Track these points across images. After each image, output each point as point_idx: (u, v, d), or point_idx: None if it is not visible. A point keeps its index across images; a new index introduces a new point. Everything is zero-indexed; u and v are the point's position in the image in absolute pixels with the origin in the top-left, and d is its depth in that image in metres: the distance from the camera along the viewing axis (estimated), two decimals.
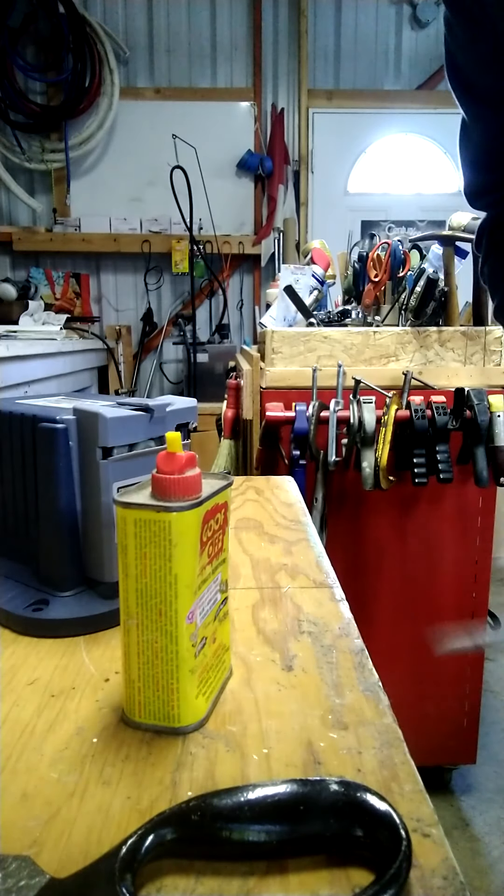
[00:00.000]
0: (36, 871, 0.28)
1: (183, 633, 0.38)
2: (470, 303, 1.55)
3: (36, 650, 0.49)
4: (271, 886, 0.28)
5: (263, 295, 3.22)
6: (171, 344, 3.57)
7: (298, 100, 3.53)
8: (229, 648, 0.46)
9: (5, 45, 3.21)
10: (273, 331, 1.43)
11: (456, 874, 0.29)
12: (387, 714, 0.41)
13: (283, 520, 0.82)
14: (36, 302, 2.83)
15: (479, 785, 1.68)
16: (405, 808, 0.32)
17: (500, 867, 1.44)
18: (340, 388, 1.36)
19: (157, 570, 0.37)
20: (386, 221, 2.91)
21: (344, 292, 1.77)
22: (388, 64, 3.57)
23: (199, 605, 0.39)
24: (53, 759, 0.37)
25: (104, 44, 3.32)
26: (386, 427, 1.31)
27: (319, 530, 1.36)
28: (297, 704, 0.42)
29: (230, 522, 0.45)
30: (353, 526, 1.49)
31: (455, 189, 3.62)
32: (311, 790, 0.31)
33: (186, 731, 0.39)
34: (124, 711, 0.41)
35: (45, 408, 0.57)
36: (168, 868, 0.29)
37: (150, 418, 0.55)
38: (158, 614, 0.38)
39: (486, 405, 1.32)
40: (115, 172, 3.53)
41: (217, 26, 3.47)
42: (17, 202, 3.50)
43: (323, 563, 0.68)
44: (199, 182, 3.15)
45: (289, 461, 1.35)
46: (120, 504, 0.38)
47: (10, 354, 1.84)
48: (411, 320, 1.48)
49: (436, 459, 1.32)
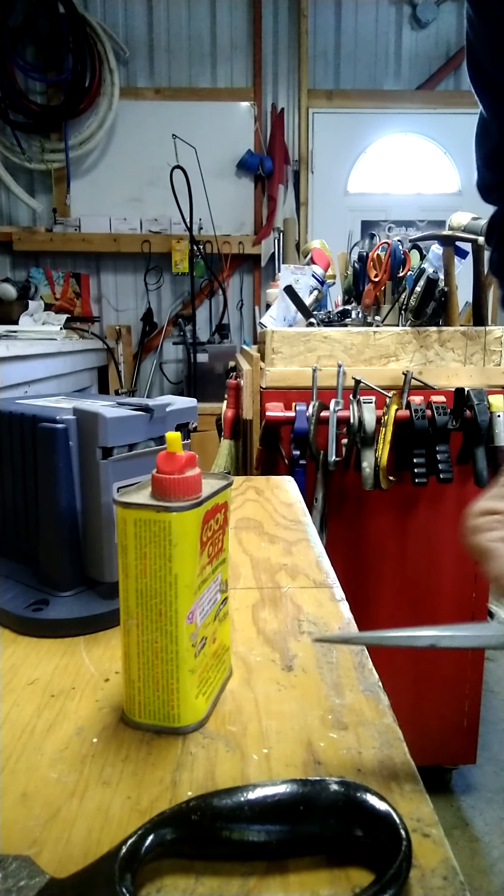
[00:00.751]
0: (36, 871, 0.28)
1: (183, 633, 0.38)
2: (470, 303, 1.55)
3: (36, 650, 0.49)
4: (271, 886, 0.28)
5: (263, 295, 3.22)
6: (171, 344, 3.57)
7: (298, 100, 3.53)
8: (229, 648, 0.46)
9: (5, 45, 3.20)
10: (273, 331, 1.43)
11: (456, 874, 0.29)
12: (387, 714, 0.41)
13: (283, 520, 0.82)
14: (36, 302, 2.83)
15: (479, 785, 1.68)
16: (405, 808, 0.32)
17: (500, 867, 1.44)
18: (340, 388, 1.36)
19: (157, 570, 0.37)
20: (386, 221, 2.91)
21: (344, 292, 1.77)
22: (388, 64, 3.57)
23: (199, 605, 0.39)
24: (53, 759, 0.37)
25: (104, 44, 3.32)
26: (386, 427, 1.31)
27: (319, 530, 1.36)
28: (297, 704, 0.42)
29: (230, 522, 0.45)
30: (353, 526, 1.49)
31: (455, 189, 3.62)
32: (311, 790, 0.31)
33: (186, 731, 0.39)
34: (124, 711, 0.41)
35: (45, 408, 0.57)
36: (168, 868, 0.29)
37: (150, 418, 0.55)
38: (158, 614, 0.38)
39: (486, 405, 1.32)
40: (115, 172, 3.53)
41: (217, 26, 3.47)
42: (17, 202, 3.50)
43: (323, 563, 0.68)
44: (199, 182, 3.15)
45: (289, 461, 1.35)
46: (120, 504, 0.38)
47: (10, 354, 1.84)
48: (411, 320, 1.48)
49: (436, 459, 1.32)
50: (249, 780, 0.35)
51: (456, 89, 3.56)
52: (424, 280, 1.41)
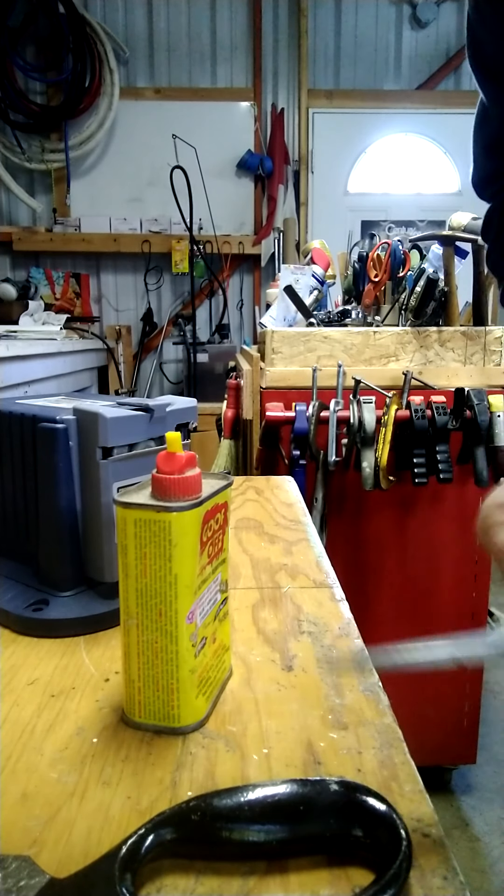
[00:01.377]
0: (36, 871, 0.28)
1: (183, 633, 0.38)
2: (470, 303, 1.55)
3: (36, 650, 0.49)
4: (271, 886, 0.28)
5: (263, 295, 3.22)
6: (171, 344, 3.57)
7: (298, 100, 3.53)
8: (229, 648, 0.46)
9: (5, 45, 3.20)
10: (273, 331, 1.43)
11: (456, 874, 0.29)
12: (387, 714, 0.41)
13: (283, 520, 0.82)
14: (36, 302, 2.83)
15: (479, 785, 1.68)
16: (405, 808, 0.32)
17: (500, 867, 1.44)
18: (340, 388, 1.36)
19: (157, 570, 0.37)
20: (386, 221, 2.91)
21: (344, 292, 1.77)
22: (388, 64, 3.57)
23: (199, 605, 0.39)
24: (53, 759, 0.37)
25: (104, 44, 3.32)
26: (386, 427, 1.31)
27: (319, 530, 1.36)
28: (297, 704, 0.42)
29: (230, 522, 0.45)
30: (353, 526, 1.49)
31: (455, 189, 3.62)
32: (311, 790, 0.31)
33: (186, 731, 0.39)
34: (124, 711, 0.41)
35: (45, 408, 0.57)
36: (168, 868, 0.29)
37: (150, 418, 0.55)
38: (158, 614, 0.38)
39: (486, 405, 1.32)
40: (115, 172, 3.53)
41: (217, 26, 3.47)
42: (17, 202, 3.50)
43: (323, 563, 0.68)
44: (199, 182, 3.15)
45: (289, 461, 1.35)
46: (120, 504, 0.38)
47: (10, 354, 1.84)
48: (411, 320, 1.48)
49: (436, 459, 1.32)
50: (249, 780, 0.35)
51: (456, 89, 3.56)
52: (424, 280, 1.41)
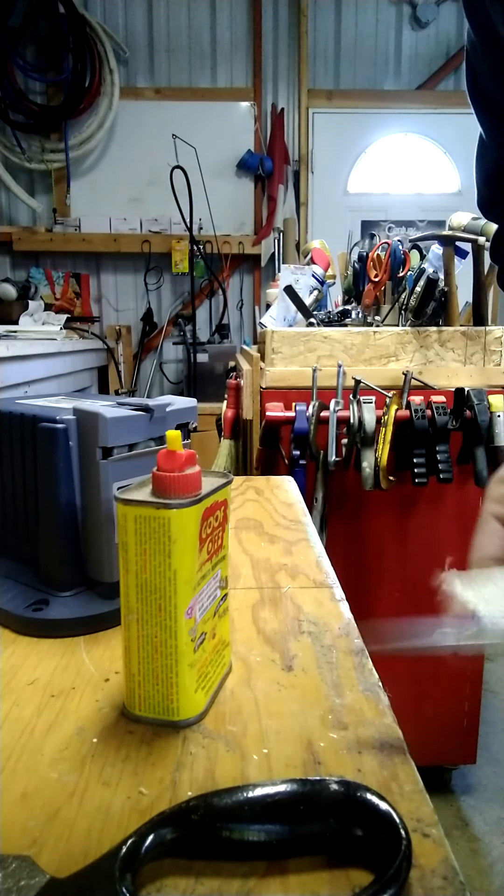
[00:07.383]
0: (36, 871, 0.28)
1: (182, 628, 0.38)
2: (470, 303, 1.55)
3: (36, 650, 0.49)
4: (271, 886, 0.28)
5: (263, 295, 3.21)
6: (171, 344, 3.57)
7: (298, 100, 3.53)
8: (229, 644, 0.46)
9: (5, 45, 3.20)
10: (273, 331, 1.43)
11: (456, 874, 0.29)
12: (387, 714, 0.41)
13: (283, 520, 0.82)
14: (36, 302, 2.83)
15: (479, 785, 1.68)
16: (405, 808, 0.32)
17: (500, 867, 1.43)
18: (340, 388, 1.36)
19: (156, 566, 0.38)
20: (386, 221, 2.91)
21: (344, 292, 1.77)
22: (388, 64, 3.57)
23: (198, 600, 0.39)
24: (53, 759, 0.37)
25: (104, 44, 3.32)
26: (386, 427, 1.31)
27: (319, 530, 1.36)
28: (297, 704, 0.42)
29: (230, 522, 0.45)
30: (353, 526, 1.48)
31: (455, 189, 3.62)
32: (311, 790, 0.31)
33: (186, 725, 0.39)
34: (125, 705, 0.41)
35: (45, 408, 0.57)
36: (168, 868, 0.29)
37: (150, 418, 0.55)
38: (158, 609, 0.38)
39: (486, 405, 1.32)
40: (115, 172, 3.53)
41: (217, 26, 3.47)
42: (17, 202, 3.50)
43: (323, 563, 0.68)
44: (199, 182, 3.15)
45: (289, 461, 1.34)
46: (120, 501, 0.38)
47: (10, 354, 1.84)
48: (411, 320, 1.48)
49: (436, 459, 1.32)
50: (249, 780, 0.35)
51: (456, 89, 3.56)
52: (424, 280, 1.41)
